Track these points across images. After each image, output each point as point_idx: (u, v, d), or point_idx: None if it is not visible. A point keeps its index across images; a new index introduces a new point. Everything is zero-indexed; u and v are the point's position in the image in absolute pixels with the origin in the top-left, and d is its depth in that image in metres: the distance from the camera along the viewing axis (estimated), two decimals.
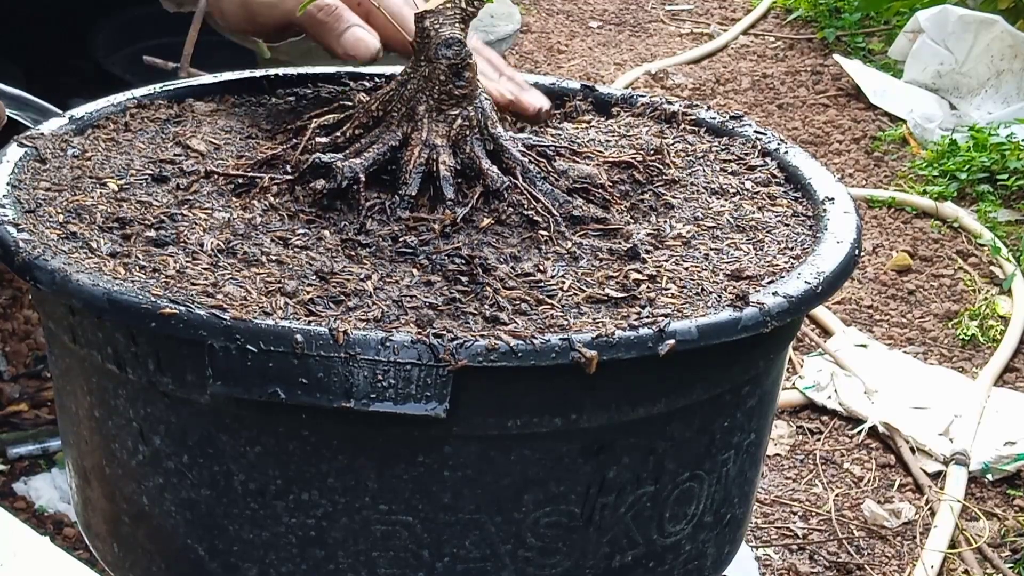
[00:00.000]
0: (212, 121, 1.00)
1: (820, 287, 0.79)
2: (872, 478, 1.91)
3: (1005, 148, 2.84)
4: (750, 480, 0.88)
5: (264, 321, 0.70)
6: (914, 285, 2.45)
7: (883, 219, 2.69)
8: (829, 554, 1.75)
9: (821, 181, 0.95)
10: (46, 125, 0.95)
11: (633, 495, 0.78)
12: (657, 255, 0.83)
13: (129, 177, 0.90)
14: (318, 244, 0.82)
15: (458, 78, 0.87)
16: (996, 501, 1.89)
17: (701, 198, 0.93)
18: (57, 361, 0.86)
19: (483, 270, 0.79)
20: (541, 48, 3.60)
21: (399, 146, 0.87)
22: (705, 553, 0.85)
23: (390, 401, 0.69)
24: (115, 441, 0.80)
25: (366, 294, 0.76)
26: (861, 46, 3.67)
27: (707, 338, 0.73)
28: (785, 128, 3.11)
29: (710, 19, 3.96)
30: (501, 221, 0.85)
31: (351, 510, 0.74)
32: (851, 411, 2.04)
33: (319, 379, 0.69)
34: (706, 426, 0.80)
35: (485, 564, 0.76)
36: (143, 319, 0.71)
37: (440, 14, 0.86)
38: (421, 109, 0.87)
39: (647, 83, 3.37)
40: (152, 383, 0.76)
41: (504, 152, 0.88)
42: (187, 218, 0.84)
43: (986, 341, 2.28)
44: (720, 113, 1.06)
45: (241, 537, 0.77)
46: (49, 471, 1.89)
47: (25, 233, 0.79)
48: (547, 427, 0.74)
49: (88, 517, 0.88)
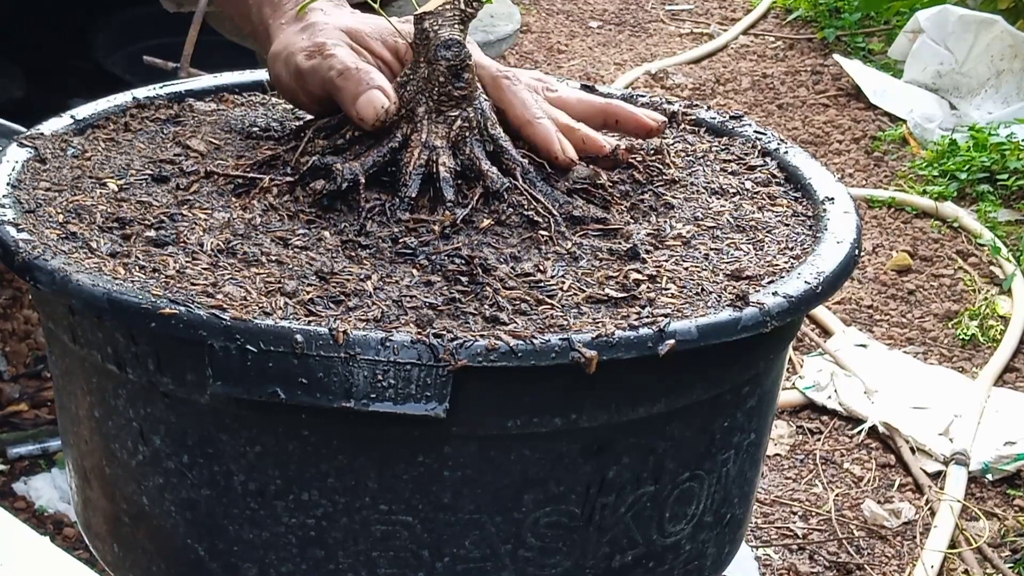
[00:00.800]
0: (212, 121, 1.00)
1: (820, 287, 0.79)
2: (872, 478, 1.91)
3: (1005, 148, 2.84)
4: (750, 480, 0.88)
5: (264, 321, 0.70)
6: (914, 285, 2.45)
7: (883, 219, 2.69)
8: (829, 554, 1.75)
9: (821, 181, 0.95)
10: (46, 125, 0.95)
11: (633, 495, 0.78)
12: (657, 255, 0.83)
13: (129, 177, 0.90)
14: (318, 244, 0.82)
15: (457, 79, 0.87)
16: (996, 501, 1.89)
17: (701, 198, 0.93)
18: (57, 361, 0.86)
19: (483, 270, 0.79)
20: (541, 48, 3.60)
21: (399, 148, 0.87)
22: (705, 553, 0.85)
23: (390, 401, 0.69)
24: (115, 441, 0.80)
25: (366, 294, 0.76)
26: (861, 46, 3.67)
27: (707, 338, 0.73)
28: (785, 128, 3.11)
29: (710, 19, 3.96)
30: (501, 222, 0.84)
31: (351, 510, 0.74)
32: (851, 411, 2.04)
33: (319, 379, 0.69)
34: (706, 426, 0.80)
35: (485, 564, 0.76)
36: (143, 319, 0.71)
37: (439, 15, 0.86)
38: (421, 111, 0.87)
39: (647, 83, 3.37)
40: (152, 383, 0.76)
41: (504, 153, 0.88)
42: (187, 218, 0.84)
43: (986, 341, 2.28)
44: (720, 113, 1.06)
45: (241, 537, 0.77)
46: (49, 471, 1.89)
47: (25, 233, 0.79)
48: (547, 427, 0.74)
49: (88, 517, 0.88)
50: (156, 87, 1.04)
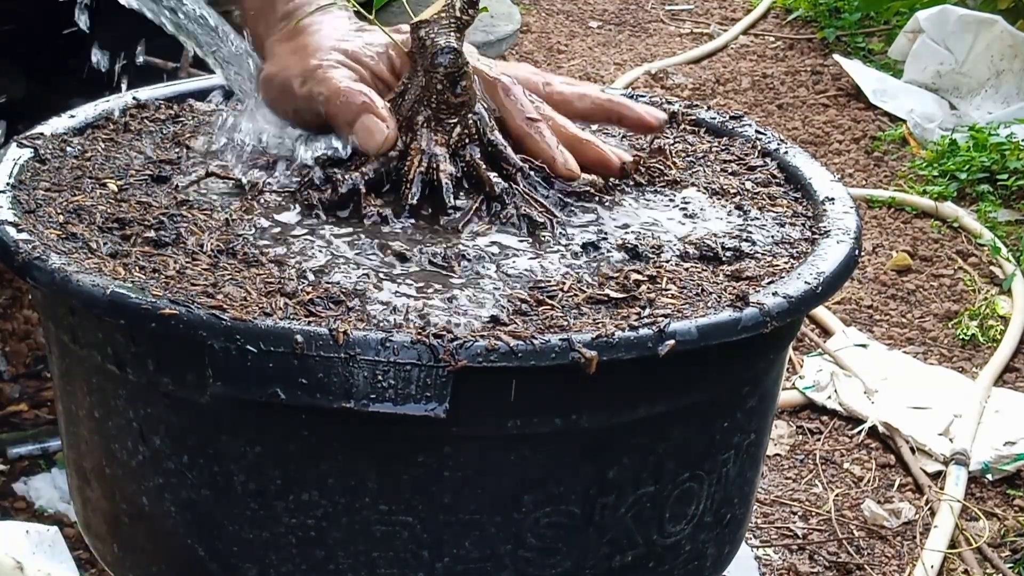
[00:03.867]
0: (212, 121, 1.00)
1: (820, 287, 0.79)
2: (872, 478, 1.91)
3: (1005, 148, 2.83)
4: (750, 480, 0.88)
5: (264, 321, 0.70)
6: (914, 285, 2.45)
7: (883, 219, 2.69)
8: (829, 554, 1.75)
9: (821, 181, 0.95)
10: (46, 125, 0.95)
11: (633, 495, 0.78)
12: (657, 255, 0.83)
13: (129, 177, 0.90)
14: (319, 246, 0.82)
15: (455, 87, 0.87)
16: (996, 501, 1.89)
17: (702, 198, 0.93)
18: (57, 361, 0.86)
19: (483, 271, 0.79)
20: (541, 48, 3.60)
21: (399, 156, 0.87)
22: (705, 553, 0.85)
23: (390, 401, 0.69)
24: (115, 441, 0.80)
25: (366, 295, 0.76)
26: (861, 46, 3.66)
27: (707, 338, 0.73)
28: (785, 128, 3.10)
29: (710, 19, 3.96)
30: (502, 225, 0.85)
31: (351, 510, 0.74)
32: (851, 411, 2.04)
33: (319, 379, 0.69)
34: (706, 426, 0.80)
35: (485, 564, 0.76)
36: (143, 319, 0.71)
37: (435, 23, 0.86)
38: (420, 119, 0.87)
39: (647, 83, 3.36)
40: (152, 383, 0.76)
41: (504, 158, 0.88)
42: (187, 219, 0.84)
43: (986, 341, 2.27)
44: (720, 113, 1.06)
45: (241, 537, 0.77)
46: (49, 471, 1.88)
47: (25, 233, 0.79)
48: (547, 427, 0.74)
49: (88, 517, 0.88)
50: (156, 87, 1.04)
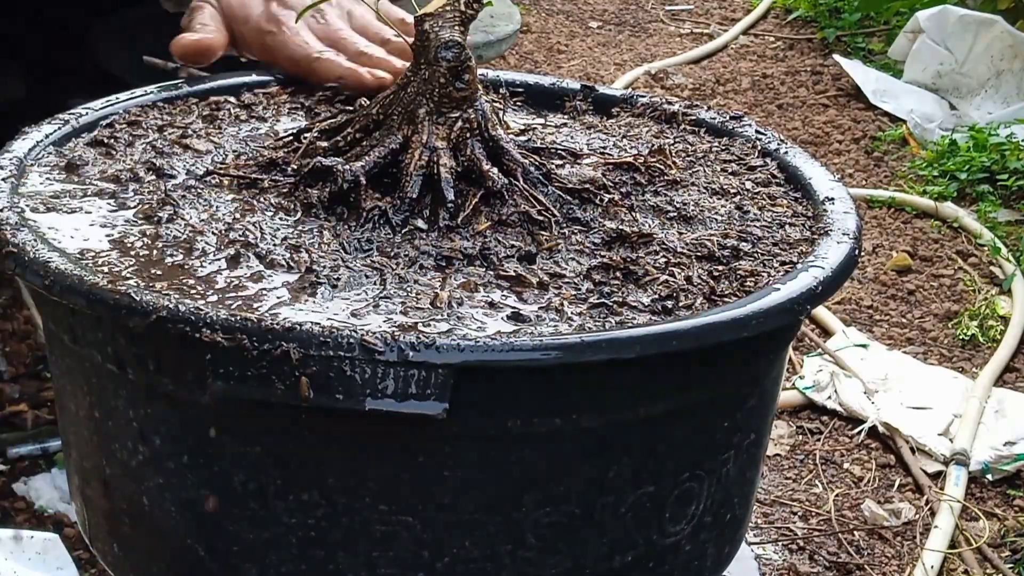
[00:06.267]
0: (212, 121, 1.00)
1: (820, 287, 0.79)
2: (872, 478, 1.91)
3: (1005, 148, 2.84)
4: (750, 480, 0.88)
5: (264, 321, 0.70)
6: (914, 285, 2.45)
7: (883, 219, 2.69)
8: (829, 554, 1.75)
9: (821, 181, 0.95)
10: (44, 125, 0.95)
11: (633, 495, 0.78)
12: (657, 255, 0.84)
13: (129, 176, 0.90)
14: (319, 244, 0.82)
15: (458, 80, 0.87)
16: (996, 501, 1.89)
17: (702, 199, 0.93)
18: (57, 361, 0.86)
19: (483, 270, 0.79)
20: (541, 48, 3.60)
21: (400, 149, 0.87)
22: (705, 553, 0.85)
23: (391, 399, 0.69)
24: (115, 441, 0.80)
25: (366, 294, 0.76)
26: (861, 46, 3.67)
27: (707, 338, 0.73)
28: (785, 128, 3.11)
29: (710, 19, 3.96)
30: (502, 222, 0.85)
31: (351, 510, 0.74)
32: (851, 411, 2.04)
33: (319, 379, 0.69)
34: (706, 426, 0.80)
35: (485, 564, 0.76)
36: (143, 319, 0.71)
37: (439, 17, 0.86)
38: (421, 112, 0.87)
39: (647, 83, 3.37)
40: (152, 383, 0.76)
41: (505, 154, 0.88)
42: (187, 218, 0.84)
43: (986, 341, 2.28)
44: (720, 113, 1.06)
45: (241, 537, 0.77)
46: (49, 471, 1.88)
47: (25, 233, 0.79)
48: (547, 427, 0.74)
49: (88, 517, 0.88)
50: (156, 87, 1.04)
